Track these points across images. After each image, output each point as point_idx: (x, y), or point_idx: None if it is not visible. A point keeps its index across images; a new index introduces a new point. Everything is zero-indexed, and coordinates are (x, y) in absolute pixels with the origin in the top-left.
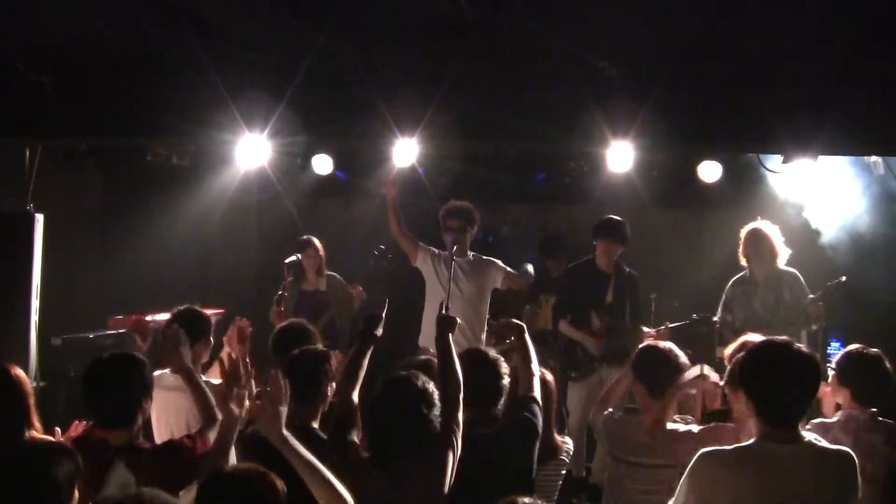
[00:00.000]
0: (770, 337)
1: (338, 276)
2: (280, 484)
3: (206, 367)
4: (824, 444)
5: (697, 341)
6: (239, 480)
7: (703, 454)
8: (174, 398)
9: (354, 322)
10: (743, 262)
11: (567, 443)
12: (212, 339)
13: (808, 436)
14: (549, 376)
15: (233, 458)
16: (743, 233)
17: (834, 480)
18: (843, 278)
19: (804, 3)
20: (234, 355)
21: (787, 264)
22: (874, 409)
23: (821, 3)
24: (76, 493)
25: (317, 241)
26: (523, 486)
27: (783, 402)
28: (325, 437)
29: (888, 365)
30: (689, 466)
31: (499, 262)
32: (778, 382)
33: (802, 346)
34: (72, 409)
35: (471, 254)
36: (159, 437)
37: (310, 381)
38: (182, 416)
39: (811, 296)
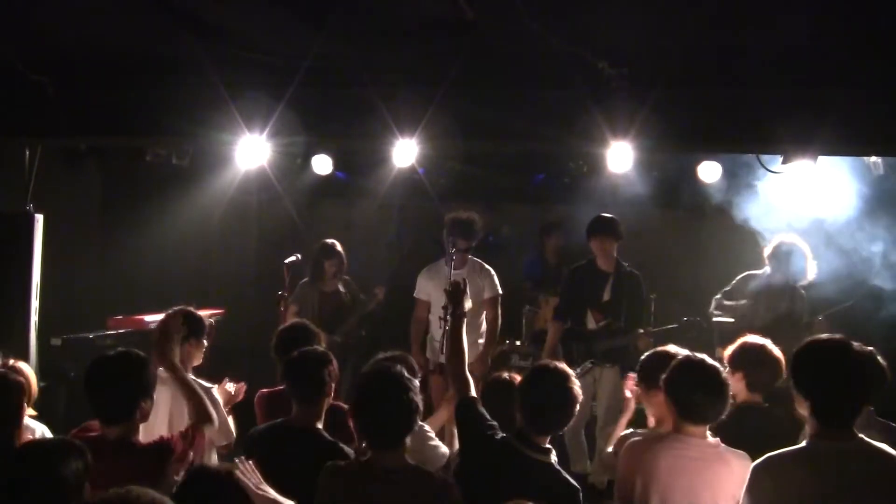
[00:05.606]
0: (826, 336)
1: (351, 281)
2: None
3: (198, 370)
4: (877, 443)
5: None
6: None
7: (757, 466)
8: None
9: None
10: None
11: None
12: (205, 340)
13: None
14: None
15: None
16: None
17: (887, 478)
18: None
19: (803, 3)
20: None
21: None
22: (871, 408)
23: (820, 4)
24: (87, 489)
25: (339, 246)
26: None
27: (839, 401)
28: (330, 439)
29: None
30: (747, 482)
31: (493, 277)
32: (835, 381)
33: (859, 345)
34: (72, 409)
35: (471, 257)
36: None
37: (313, 383)
38: (164, 408)
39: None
